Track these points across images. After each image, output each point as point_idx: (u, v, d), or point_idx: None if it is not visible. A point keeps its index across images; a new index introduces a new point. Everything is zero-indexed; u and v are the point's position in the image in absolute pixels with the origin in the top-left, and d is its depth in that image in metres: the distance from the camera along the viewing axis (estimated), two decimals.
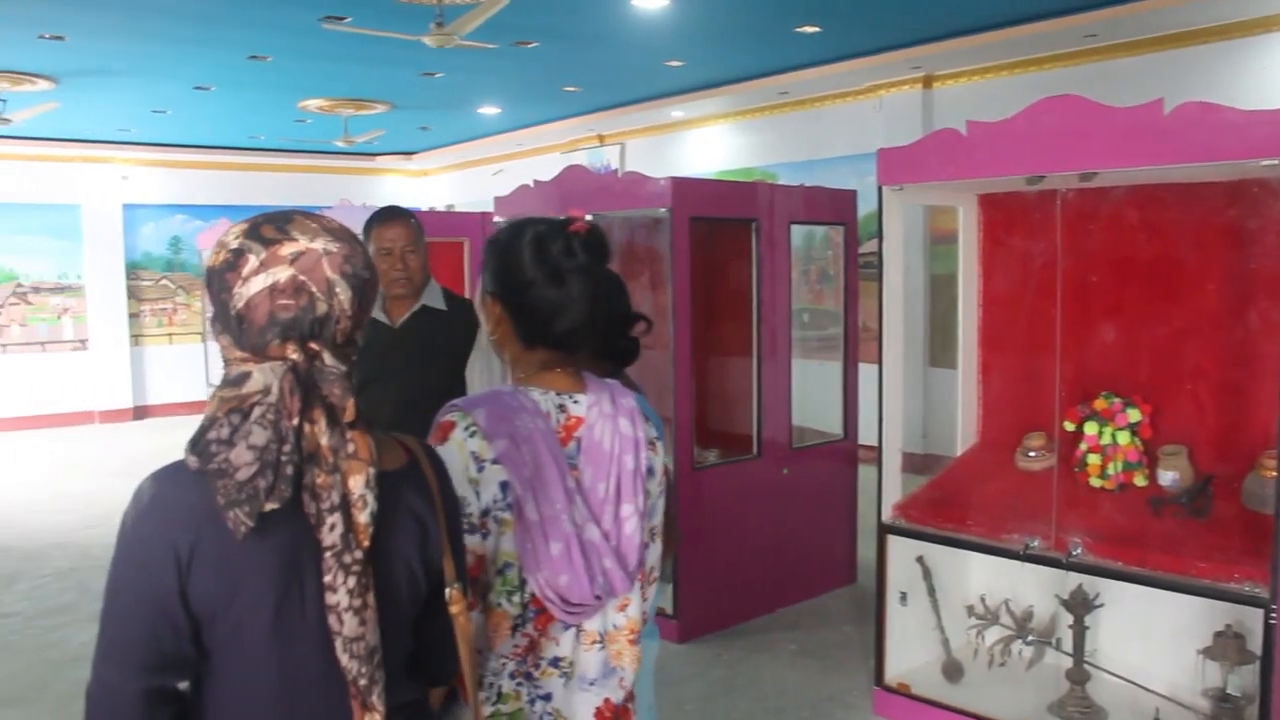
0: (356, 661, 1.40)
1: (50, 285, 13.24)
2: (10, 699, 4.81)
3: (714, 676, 4.94)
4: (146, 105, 10.71)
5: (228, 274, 1.43)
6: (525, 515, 1.77)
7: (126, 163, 13.52)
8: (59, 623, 5.81)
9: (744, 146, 11.00)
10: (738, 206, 5.65)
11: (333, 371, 1.42)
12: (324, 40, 7.74)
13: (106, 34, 7.68)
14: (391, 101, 10.73)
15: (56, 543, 7.53)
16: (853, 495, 6.22)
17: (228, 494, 1.33)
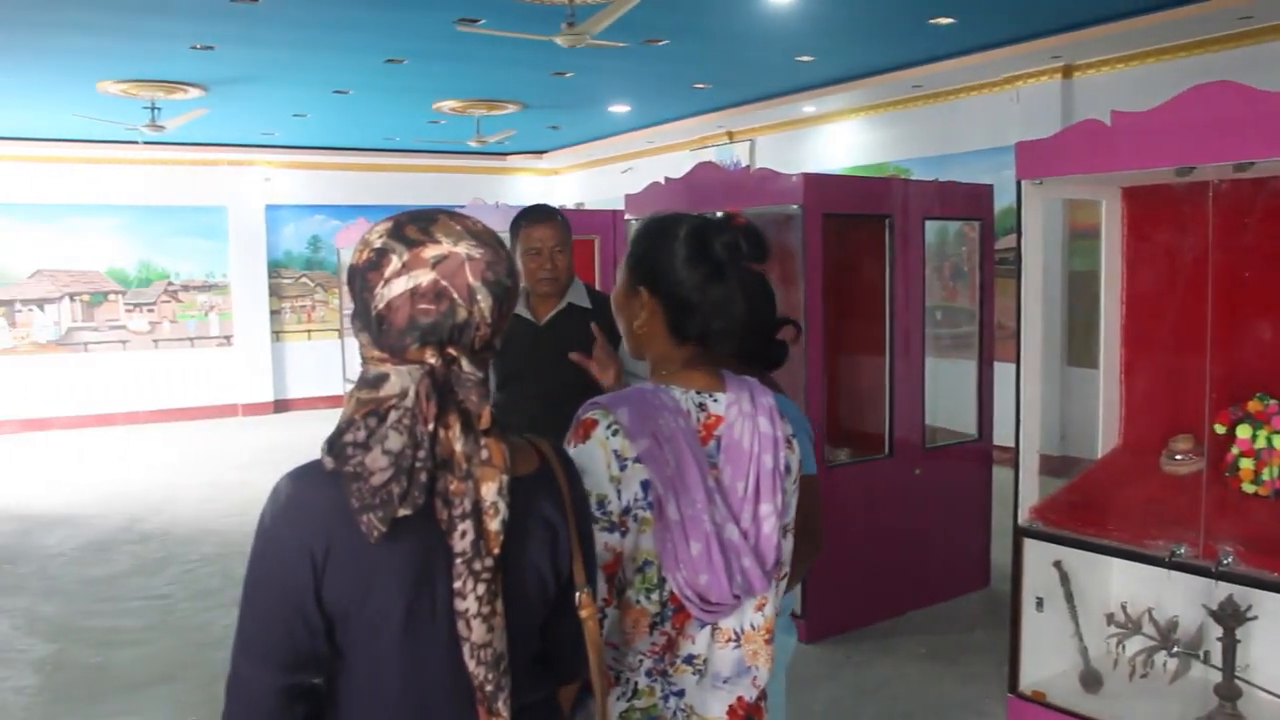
0: (483, 668, 1.40)
1: (198, 283, 13.82)
2: (162, 676, 5.04)
3: (843, 678, 4.88)
4: (288, 110, 11.08)
5: (370, 273, 1.43)
6: (666, 514, 1.76)
7: (269, 165, 14.02)
8: (205, 606, 6.05)
9: (876, 141, 10.83)
10: (871, 202, 5.57)
11: (470, 378, 1.40)
12: (458, 43, 7.88)
13: (253, 43, 7.97)
14: (523, 101, 10.87)
15: (203, 529, 7.84)
16: (987, 497, 6.08)
17: (362, 498, 1.33)
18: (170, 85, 9.46)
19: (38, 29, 7.38)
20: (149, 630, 5.70)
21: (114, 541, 7.54)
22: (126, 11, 6.98)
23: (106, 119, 10.38)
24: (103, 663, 5.25)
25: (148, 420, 13.30)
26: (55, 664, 5.25)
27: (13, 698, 4.84)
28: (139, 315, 13.50)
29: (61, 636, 5.62)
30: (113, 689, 4.92)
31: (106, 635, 5.64)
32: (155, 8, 6.91)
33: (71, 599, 6.24)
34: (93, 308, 13.28)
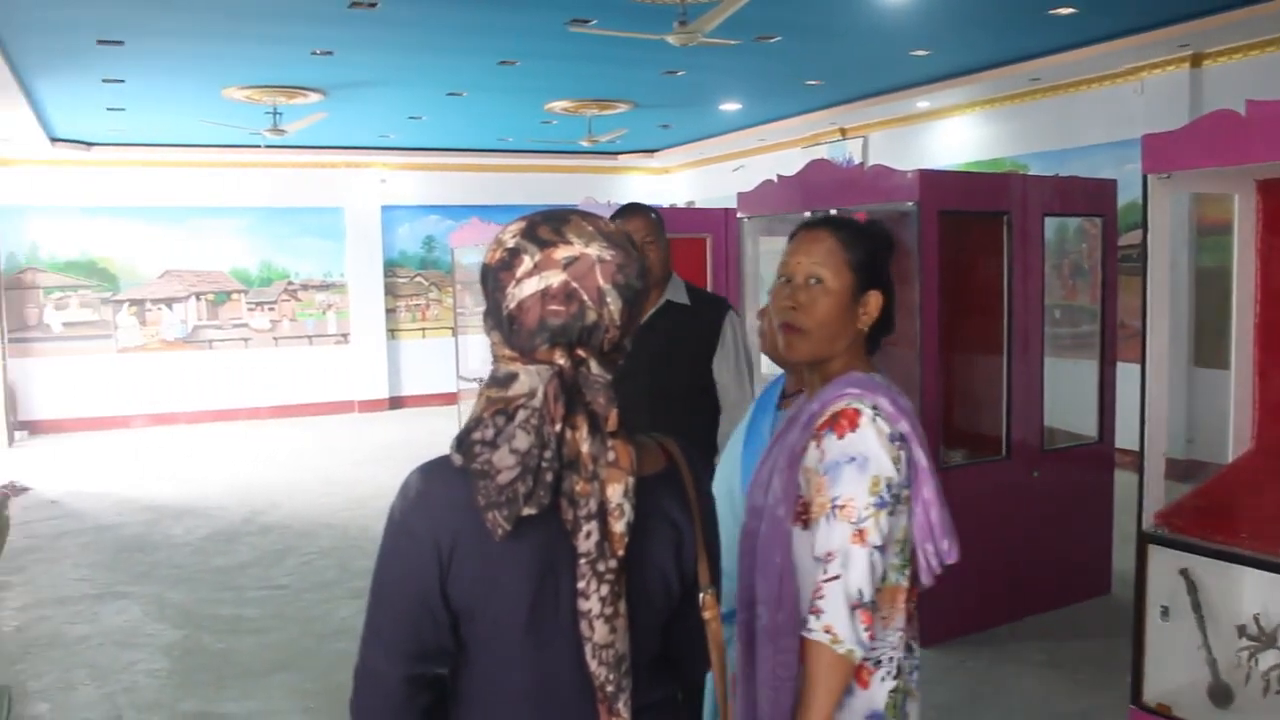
0: (605, 668, 1.40)
1: (317, 283, 14.20)
2: (282, 664, 5.18)
3: (957, 683, 4.78)
4: (404, 112, 11.30)
5: (502, 273, 1.45)
6: (924, 489, 1.91)
7: (385, 167, 14.33)
8: (323, 597, 6.20)
9: (992, 136, 10.60)
10: (988, 199, 5.45)
11: (598, 380, 1.41)
12: (569, 43, 7.94)
13: (370, 48, 8.15)
14: (634, 101, 10.91)
15: (321, 523, 8.04)
16: (1108, 501, 5.89)
17: (488, 495, 1.35)
18: (291, 90, 9.73)
19: (169, 38, 7.67)
20: (269, 619, 5.86)
21: (236, 533, 7.78)
22: (251, 19, 7.20)
23: (231, 124, 10.72)
24: (226, 649, 5.42)
25: (268, 416, 13.71)
26: (183, 649, 5.43)
27: (145, 679, 5.03)
28: (260, 314, 13.93)
29: (188, 623, 5.82)
30: (236, 675, 5.08)
31: (230, 623, 5.82)
32: (277, 15, 7.12)
33: (197, 587, 6.46)
34: (217, 306, 13.74)
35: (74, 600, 6.27)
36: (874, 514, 1.80)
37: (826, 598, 1.79)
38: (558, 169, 14.94)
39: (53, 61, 8.30)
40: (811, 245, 2.00)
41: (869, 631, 1.79)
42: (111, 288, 13.28)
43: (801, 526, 1.90)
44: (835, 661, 1.78)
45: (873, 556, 1.80)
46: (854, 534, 1.79)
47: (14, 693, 4.81)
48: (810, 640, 1.80)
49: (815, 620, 1.79)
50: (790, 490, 1.90)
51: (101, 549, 7.43)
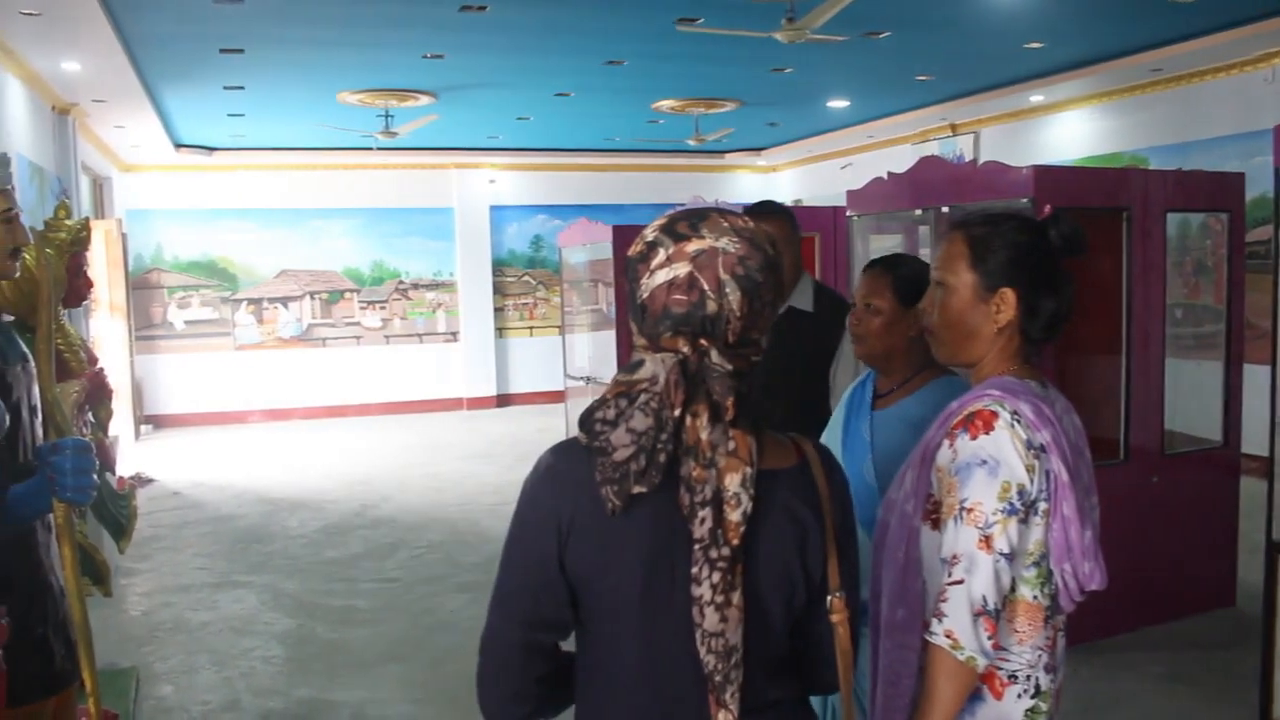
0: (713, 657, 1.41)
1: (427, 282, 14.46)
2: (392, 655, 5.28)
3: (1073, 693, 4.63)
4: (512, 113, 11.43)
5: (639, 265, 1.50)
6: (1063, 504, 1.82)
7: (494, 168, 14.52)
8: (431, 591, 6.30)
9: (1110, 130, 10.29)
10: (1106, 195, 5.28)
11: (718, 369, 1.43)
12: (677, 42, 7.94)
13: (480, 51, 8.27)
14: (741, 99, 10.87)
15: (430, 517, 8.18)
16: (1233, 509, 5.65)
17: (604, 472, 1.40)
18: (403, 93, 9.92)
19: (286, 46, 7.89)
20: (380, 611, 5.98)
21: (348, 526, 7.96)
22: (364, 26, 7.37)
23: (345, 127, 10.98)
24: (338, 639, 5.55)
25: (378, 413, 14.00)
26: (297, 638, 5.58)
27: (261, 665, 5.18)
28: (372, 312, 14.24)
29: (301, 613, 5.97)
30: (347, 664, 5.19)
31: (341, 614, 5.95)
32: (390, 21, 7.27)
33: (310, 578, 6.63)
34: (330, 305, 14.08)
35: (195, 588, 6.48)
36: (1002, 520, 1.76)
37: (949, 602, 1.76)
38: (664, 168, 14.97)
39: (178, 71, 8.61)
40: (943, 248, 2.00)
41: (993, 640, 1.75)
42: (231, 287, 13.72)
43: (931, 526, 1.87)
44: (956, 668, 1.76)
45: (998, 564, 1.75)
46: (980, 539, 1.76)
47: (141, 674, 4.99)
48: (932, 644, 1.78)
49: (938, 624, 1.77)
50: (921, 487, 1.88)
51: (220, 539, 7.67)
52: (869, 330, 2.57)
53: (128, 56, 7.58)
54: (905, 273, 2.58)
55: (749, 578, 1.44)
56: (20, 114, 7.43)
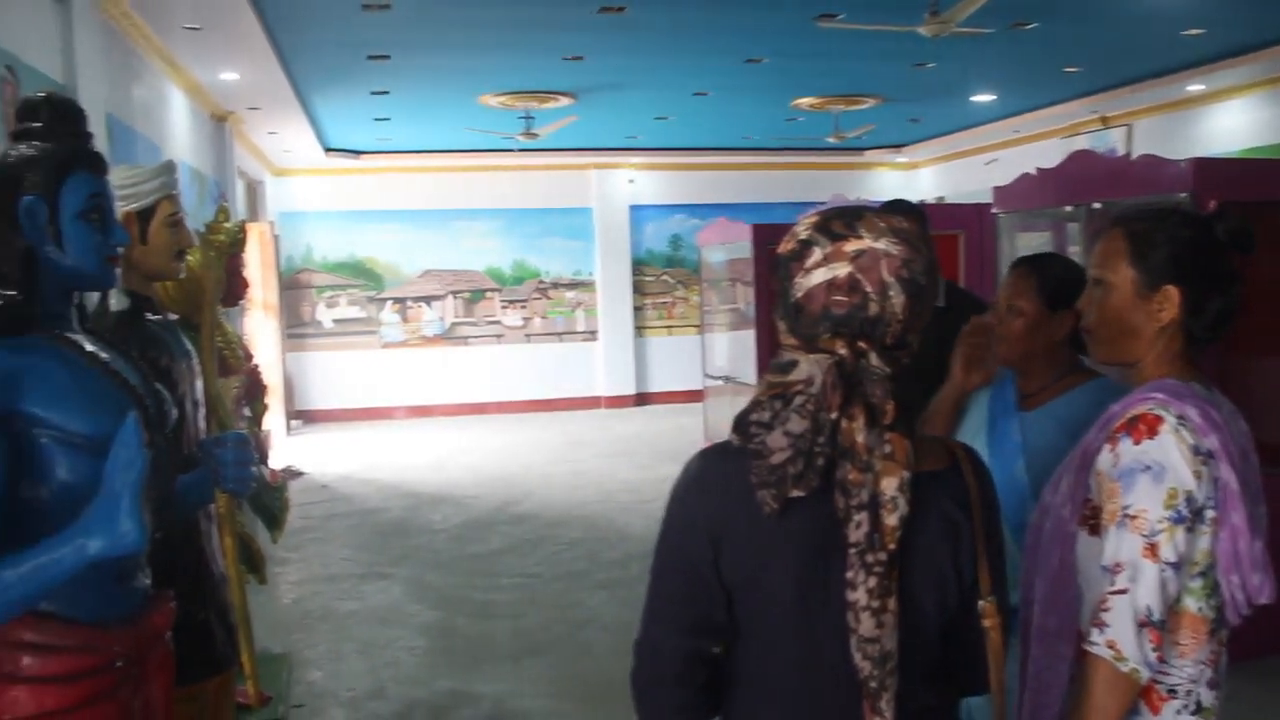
0: (869, 663, 1.39)
1: (566, 281, 14.62)
2: (532, 650, 5.35)
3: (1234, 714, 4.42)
4: (651, 113, 11.47)
5: (792, 263, 1.48)
6: (1232, 513, 1.73)
7: (632, 167, 14.61)
8: (572, 586, 6.36)
9: (1276, 119, 9.77)
10: (1274, 187, 5.02)
11: (877, 372, 1.41)
12: (817, 39, 7.84)
13: (619, 52, 8.32)
14: (882, 95, 10.68)
15: (570, 514, 8.27)
16: None
17: (759, 474, 1.38)
18: (543, 95, 10.05)
19: (431, 51, 8.07)
20: (521, 606, 6.07)
21: (490, 522, 8.10)
22: (506, 30, 7.48)
23: (487, 129, 11.18)
24: (480, 633, 5.65)
25: (519, 410, 14.22)
26: (439, 629, 5.70)
27: (406, 656, 5.31)
28: (513, 311, 14.47)
29: (444, 605, 6.10)
30: (488, 657, 5.28)
31: (483, 608, 6.06)
32: (531, 24, 7.36)
33: (453, 572, 6.76)
34: (472, 304, 14.37)
35: (342, 578, 6.69)
36: (1168, 528, 1.68)
37: (1113, 611, 1.69)
38: (803, 166, 14.82)
39: (328, 78, 8.90)
40: (1101, 244, 1.92)
41: (1157, 652, 1.68)
42: (376, 287, 14.12)
43: (1088, 531, 1.80)
44: (1117, 679, 1.69)
45: (1164, 574, 1.68)
46: (1145, 547, 1.68)
47: (292, 659, 5.17)
48: (1092, 654, 1.71)
49: (1099, 634, 1.70)
50: (1078, 492, 1.82)
51: (366, 532, 7.90)
52: (1009, 332, 2.49)
53: (281, 66, 7.86)
54: (1052, 274, 2.49)
55: (904, 582, 1.41)
56: (182, 122, 7.78)
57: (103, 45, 5.29)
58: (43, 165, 1.84)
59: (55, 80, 4.59)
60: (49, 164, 1.85)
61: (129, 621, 1.89)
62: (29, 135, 1.88)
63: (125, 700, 1.88)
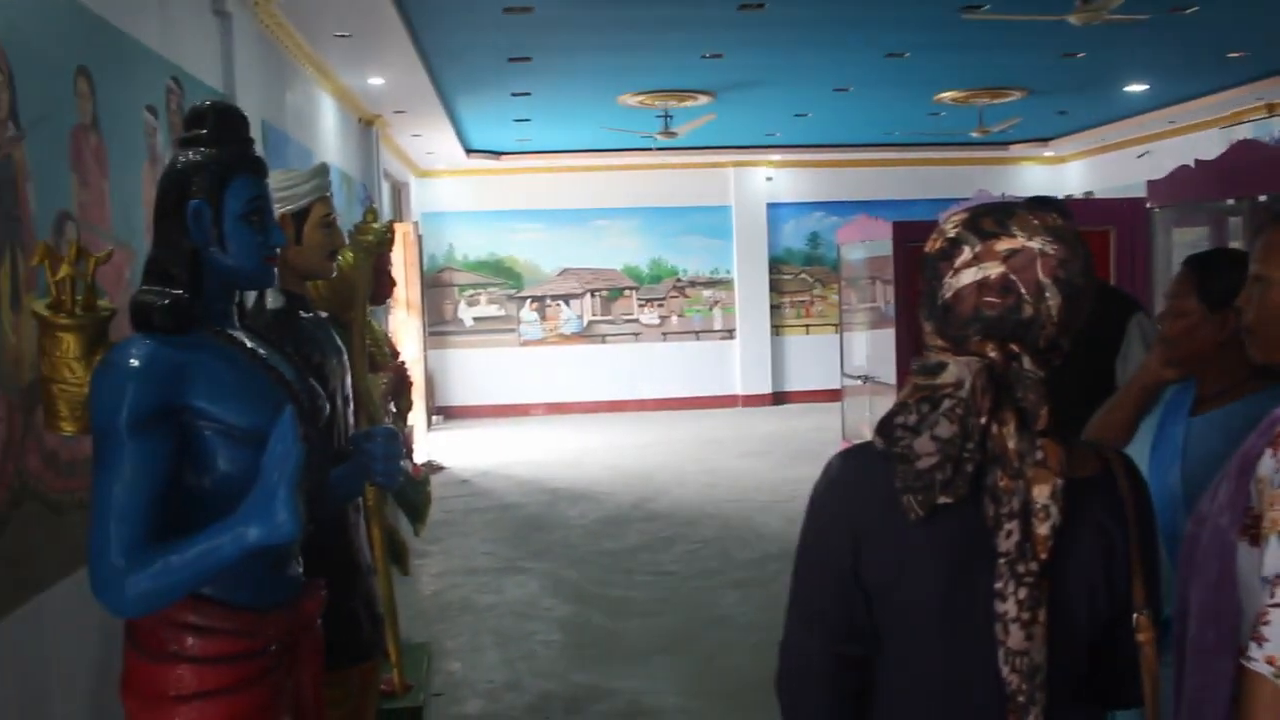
0: (1017, 676, 1.34)
1: (704, 280, 14.63)
2: (666, 648, 5.37)
3: None
4: (789, 110, 11.38)
5: (941, 262, 1.44)
6: None
7: (771, 165, 14.52)
8: (707, 585, 6.36)
9: None
10: None
11: (1030, 376, 1.37)
12: (961, 31, 7.67)
13: (758, 48, 8.27)
14: (1028, 87, 10.39)
15: (705, 513, 8.27)
16: None
17: (905, 479, 1.35)
18: (681, 94, 10.06)
19: (571, 52, 8.17)
20: (655, 603, 6.09)
21: (626, 518, 8.16)
22: (646, 29, 7.52)
23: (625, 129, 11.26)
24: (615, 628, 5.70)
25: (655, 408, 14.28)
26: (575, 624, 5.77)
27: (541, 649, 5.39)
28: (650, 310, 14.55)
29: (580, 600, 6.16)
30: (622, 653, 5.32)
31: (618, 604, 6.10)
32: (670, 23, 7.38)
33: (589, 568, 6.83)
34: (610, 302, 14.49)
35: (481, 571, 6.82)
36: None
37: (1272, 625, 1.59)
38: (945, 162, 14.51)
39: (470, 81, 9.08)
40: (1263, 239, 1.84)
41: None
42: (516, 285, 14.36)
43: (1249, 542, 1.71)
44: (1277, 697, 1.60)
45: None
46: None
47: (433, 649, 5.30)
48: (1251, 670, 1.62)
49: (1257, 649, 1.60)
50: (1238, 499, 1.72)
51: (504, 526, 8.04)
52: (1172, 333, 2.41)
53: (426, 70, 8.06)
54: (1214, 272, 2.38)
55: (1054, 593, 1.36)
56: (331, 127, 8.04)
57: (259, 55, 5.51)
58: (208, 170, 1.93)
59: (216, 89, 4.80)
60: (214, 169, 1.93)
61: (283, 608, 1.97)
62: (196, 142, 1.97)
63: (278, 683, 1.96)
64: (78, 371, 1.95)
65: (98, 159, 3.40)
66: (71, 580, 2.87)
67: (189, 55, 4.46)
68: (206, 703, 1.84)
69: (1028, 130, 13.16)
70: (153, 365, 1.79)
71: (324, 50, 7.14)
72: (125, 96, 3.70)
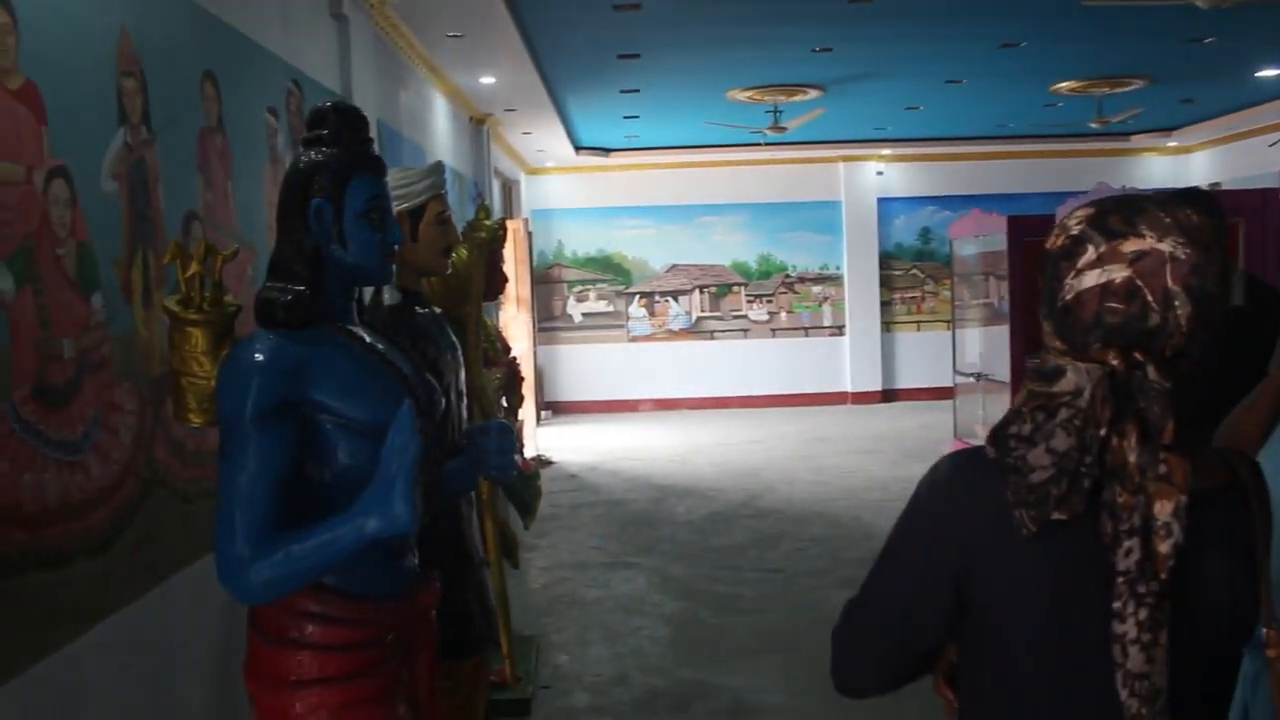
0: (1137, 700, 1.27)
1: (813, 275, 14.51)
2: (773, 646, 5.34)
3: None
4: (900, 104, 11.22)
5: (1061, 261, 1.36)
6: None
7: (881, 159, 14.34)
8: (814, 584, 6.31)
9: None
10: None
11: (1155, 387, 1.27)
12: (1078, 19, 7.46)
13: (868, 42, 8.18)
14: (1150, 75, 10.05)
15: (813, 511, 8.20)
16: None
17: (1017, 493, 1.29)
18: (791, 88, 9.99)
19: (680, 49, 8.17)
20: (763, 601, 6.07)
21: (734, 515, 8.14)
22: (755, 24, 7.49)
23: (734, 125, 11.22)
24: (722, 625, 5.69)
25: (764, 405, 14.21)
26: (682, 620, 5.77)
27: (648, 645, 5.41)
28: (759, 306, 14.49)
29: (688, 597, 6.17)
30: (729, 650, 5.31)
31: (725, 601, 6.09)
32: (780, 17, 7.34)
33: (696, 564, 6.83)
34: (718, 299, 14.47)
35: (589, 566, 6.87)
36: None
37: None
38: (1062, 154, 14.14)
39: (580, 79, 9.15)
40: None
41: None
42: (624, 281, 14.43)
43: None
44: None
45: None
46: None
47: (541, 642, 5.36)
48: None
49: None
50: None
51: (612, 521, 8.08)
52: None
53: (536, 68, 8.14)
54: None
55: (1176, 613, 1.28)
56: (444, 126, 8.18)
57: (374, 56, 5.64)
58: (329, 169, 1.98)
59: (333, 90, 4.93)
60: (335, 168, 1.98)
61: (399, 598, 2.01)
62: (318, 142, 2.02)
63: (394, 673, 2.00)
64: (205, 365, 2.01)
65: (222, 160, 3.52)
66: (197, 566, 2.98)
67: (308, 58, 4.58)
68: (325, 689, 1.89)
69: (1150, 120, 12.73)
70: (276, 359, 1.84)
71: (437, 51, 7.27)
72: (248, 99, 3.82)
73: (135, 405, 2.78)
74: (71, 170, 2.53)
